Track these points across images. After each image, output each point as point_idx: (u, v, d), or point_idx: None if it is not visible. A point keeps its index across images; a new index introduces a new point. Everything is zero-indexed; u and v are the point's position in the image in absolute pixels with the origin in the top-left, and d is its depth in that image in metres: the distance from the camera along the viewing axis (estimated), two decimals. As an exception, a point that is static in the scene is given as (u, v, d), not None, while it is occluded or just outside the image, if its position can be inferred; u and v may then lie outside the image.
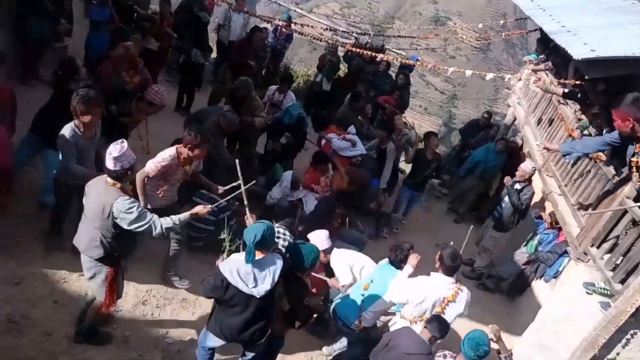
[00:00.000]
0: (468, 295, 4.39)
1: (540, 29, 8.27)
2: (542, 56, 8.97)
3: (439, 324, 3.91)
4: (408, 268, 4.64)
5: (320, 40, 9.95)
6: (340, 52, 10.34)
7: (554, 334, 4.67)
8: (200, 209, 3.97)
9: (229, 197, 4.39)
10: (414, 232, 8.02)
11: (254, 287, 3.58)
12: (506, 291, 7.21)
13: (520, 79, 8.48)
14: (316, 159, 6.48)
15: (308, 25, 10.29)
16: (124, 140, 3.72)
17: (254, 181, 4.69)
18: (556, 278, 5.94)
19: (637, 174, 4.12)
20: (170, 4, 8.39)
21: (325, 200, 6.07)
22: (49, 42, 7.04)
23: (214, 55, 10.17)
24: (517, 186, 6.87)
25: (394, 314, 4.76)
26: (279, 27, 10.05)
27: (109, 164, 3.65)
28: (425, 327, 3.95)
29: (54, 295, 4.58)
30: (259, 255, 3.60)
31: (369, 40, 10.46)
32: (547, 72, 8.40)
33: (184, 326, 4.82)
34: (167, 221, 3.79)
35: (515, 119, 9.90)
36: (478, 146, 9.15)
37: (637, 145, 4.03)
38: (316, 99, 9.84)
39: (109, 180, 3.72)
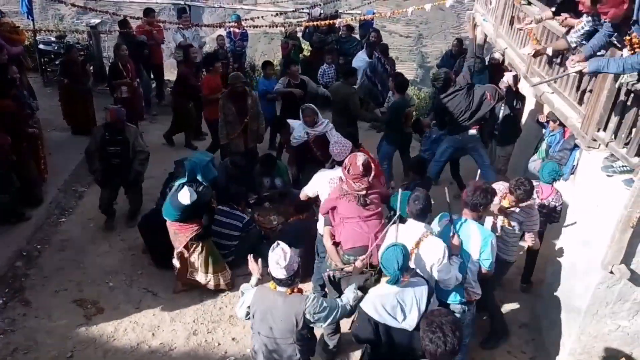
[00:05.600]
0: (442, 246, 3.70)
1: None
2: None
3: None
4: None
5: (276, 27, 9.92)
6: (299, 33, 10.30)
7: (589, 226, 4.68)
8: (359, 264, 3.90)
9: None
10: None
11: (404, 320, 3.33)
12: (530, 202, 7.21)
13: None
14: None
15: (258, 17, 10.30)
16: (279, 243, 3.42)
17: None
18: (573, 174, 5.94)
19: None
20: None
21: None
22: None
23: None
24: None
25: None
26: (232, 30, 10.01)
27: (279, 274, 3.33)
28: None
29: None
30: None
31: (322, 11, 10.38)
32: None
33: (239, 342, 4.94)
34: (350, 295, 3.53)
35: (486, 37, 9.79)
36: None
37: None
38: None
39: (282, 289, 3.41)
